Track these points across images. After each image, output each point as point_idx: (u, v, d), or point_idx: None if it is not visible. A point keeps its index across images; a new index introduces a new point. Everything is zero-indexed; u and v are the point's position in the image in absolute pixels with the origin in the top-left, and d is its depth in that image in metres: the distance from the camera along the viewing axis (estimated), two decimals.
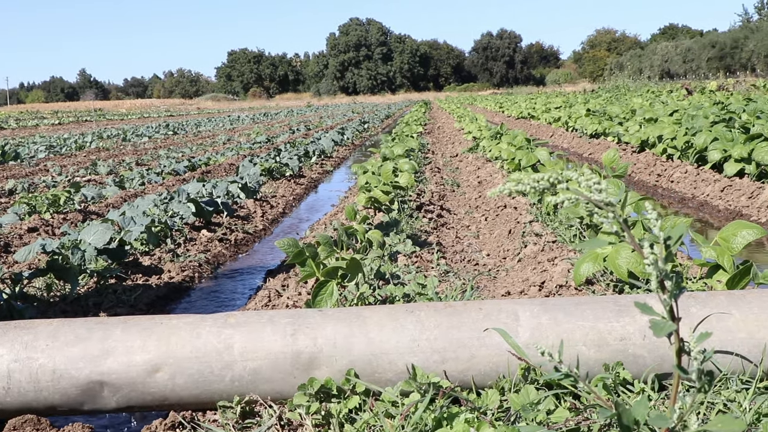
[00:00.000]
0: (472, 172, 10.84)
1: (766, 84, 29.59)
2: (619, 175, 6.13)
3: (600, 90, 50.61)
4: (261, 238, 7.55)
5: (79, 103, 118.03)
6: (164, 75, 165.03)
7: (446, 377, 2.79)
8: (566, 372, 1.41)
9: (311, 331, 2.83)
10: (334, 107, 66.98)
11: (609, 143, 14.19)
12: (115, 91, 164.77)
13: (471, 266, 5.50)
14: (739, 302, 2.93)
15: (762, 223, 6.92)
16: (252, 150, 16.87)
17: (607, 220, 1.11)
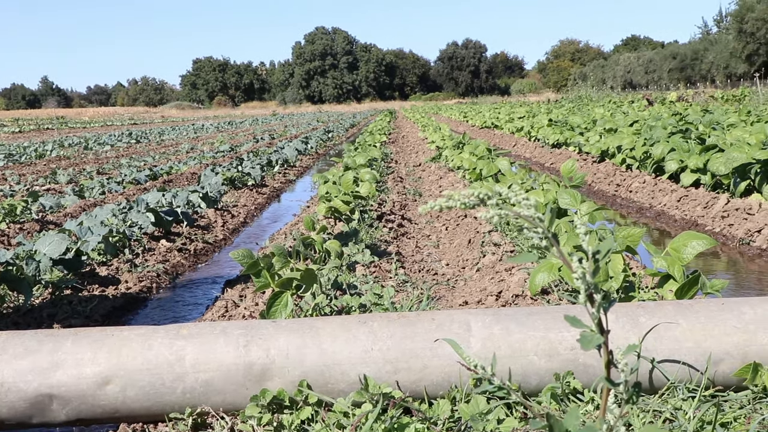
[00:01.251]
0: (434, 182, 10.89)
1: (724, 95, 30.07)
2: (576, 186, 6.20)
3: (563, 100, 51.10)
4: (221, 247, 7.52)
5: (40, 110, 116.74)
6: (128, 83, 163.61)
7: (399, 387, 2.80)
8: (498, 384, 1.43)
9: (264, 343, 2.83)
10: (299, 116, 66.88)
11: (570, 153, 14.34)
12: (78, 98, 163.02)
13: (430, 276, 5.52)
14: (687, 312, 2.97)
15: (716, 232, 7.04)
16: (215, 159, 16.79)
17: (536, 234, 1.13)
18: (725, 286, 3.50)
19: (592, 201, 9.51)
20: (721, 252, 6.54)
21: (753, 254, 6.28)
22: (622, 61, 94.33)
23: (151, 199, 8.13)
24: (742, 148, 7.53)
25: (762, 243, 6.37)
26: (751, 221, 6.75)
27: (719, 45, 74.90)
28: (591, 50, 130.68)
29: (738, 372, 2.79)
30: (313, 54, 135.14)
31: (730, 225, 6.98)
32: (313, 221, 5.04)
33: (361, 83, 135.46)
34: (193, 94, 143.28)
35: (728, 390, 2.87)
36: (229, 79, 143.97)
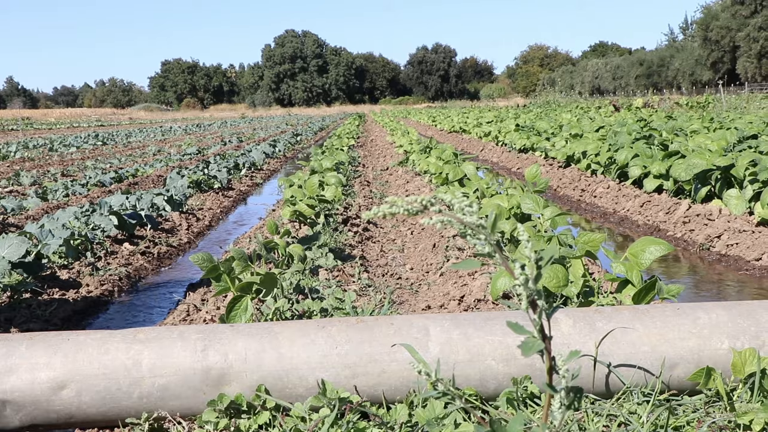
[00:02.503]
0: (401, 186, 10.90)
1: (688, 102, 30.44)
2: (539, 191, 6.24)
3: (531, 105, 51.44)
4: (185, 251, 7.48)
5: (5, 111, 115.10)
6: (96, 84, 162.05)
7: (357, 392, 2.80)
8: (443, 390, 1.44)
9: (222, 347, 2.81)
10: (268, 119, 66.66)
11: (537, 158, 14.43)
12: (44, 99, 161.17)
13: (394, 280, 5.53)
14: (643, 317, 3.00)
15: (677, 238, 7.12)
16: (182, 161, 16.69)
17: (479, 241, 1.14)
18: (681, 292, 3.54)
19: (557, 206, 9.59)
20: (682, 257, 6.62)
21: (713, 259, 6.36)
22: (590, 67, 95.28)
23: (115, 202, 8.06)
24: (703, 154, 7.63)
25: (721, 248, 6.46)
26: (711, 227, 6.84)
27: (685, 52, 75.93)
28: (560, 56, 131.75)
29: (692, 376, 2.83)
30: (282, 57, 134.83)
31: (691, 230, 7.06)
32: (277, 225, 5.03)
33: (330, 87, 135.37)
34: (162, 96, 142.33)
35: (683, 394, 2.91)
36: (198, 82, 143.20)
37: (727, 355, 2.89)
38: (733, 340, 2.92)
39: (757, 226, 6.51)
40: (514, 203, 5.82)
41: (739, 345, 2.90)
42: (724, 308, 3.05)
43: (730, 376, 2.85)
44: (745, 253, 6.17)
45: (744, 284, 5.64)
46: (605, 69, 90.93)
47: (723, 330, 2.94)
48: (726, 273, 5.98)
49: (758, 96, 33.84)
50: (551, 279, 3.94)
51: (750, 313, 3.01)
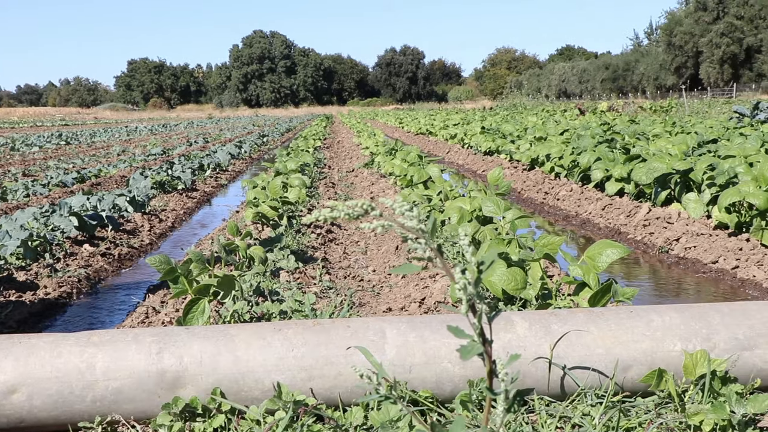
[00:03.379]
0: (366, 188, 10.91)
1: (652, 106, 30.79)
2: (502, 193, 6.28)
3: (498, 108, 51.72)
4: (147, 252, 7.42)
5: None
6: (60, 83, 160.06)
7: (313, 395, 2.80)
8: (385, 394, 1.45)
9: (177, 350, 2.80)
10: (235, 119, 66.35)
11: (502, 161, 14.51)
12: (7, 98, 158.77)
13: (356, 282, 5.53)
14: (598, 319, 3.03)
15: (637, 240, 7.20)
16: (146, 162, 16.56)
17: (420, 246, 1.14)
18: (635, 294, 3.58)
19: (519, 209, 9.66)
20: (642, 260, 6.69)
21: (671, 262, 6.44)
22: (557, 71, 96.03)
23: (76, 203, 7.98)
24: (663, 158, 7.72)
25: (679, 251, 6.54)
26: (671, 230, 6.92)
27: (649, 57, 76.81)
28: (527, 59, 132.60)
29: (644, 378, 2.86)
30: (250, 57, 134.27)
31: (651, 233, 7.15)
32: (237, 227, 5.01)
33: (299, 88, 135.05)
34: (128, 95, 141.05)
35: (636, 395, 2.94)
36: (164, 81, 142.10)
37: (680, 357, 2.93)
38: (685, 342, 2.96)
39: (715, 230, 6.60)
40: (476, 206, 5.85)
41: (691, 347, 2.94)
42: (677, 311, 3.09)
43: (683, 377, 2.89)
44: (703, 256, 6.25)
45: (701, 287, 5.72)
46: (572, 73, 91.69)
47: (675, 332, 2.98)
48: (684, 275, 6.06)
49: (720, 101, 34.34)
50: (509, 282, 3.97)
51: (702, 315, 3.06)
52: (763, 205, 5.77)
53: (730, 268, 5.83)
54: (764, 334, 2.98)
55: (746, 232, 6.30)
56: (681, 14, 72.35)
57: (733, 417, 2.59)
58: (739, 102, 29.58)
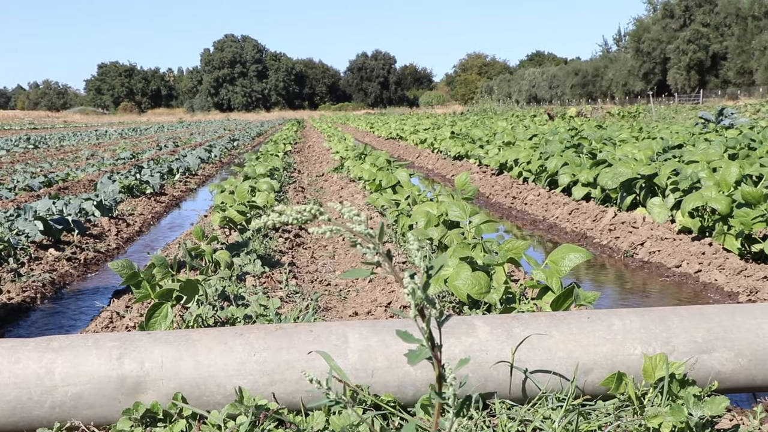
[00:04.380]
0: (335, 192, 10.91)
1: (620, 111, 31.08)
2: (468, 198, 6.31)
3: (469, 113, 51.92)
4: (114, 257, 7.36)
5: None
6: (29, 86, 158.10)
7: (275, 399, 2.80)
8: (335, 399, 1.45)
9: (138, 355, 2.78)
10: (206, 123, 66.01)
11: (471, 165, 14.57)
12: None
13: (323, 287, 5.53)
14: (560, 323, 3.06)
15: (603, 245, 7.26)
16: (115, 166, 16.42)
17: (369, 250, 1.15)
18: (597, 298, 3.62)
19: (485, 213, 9.71)
20: (607, 264, 6.75)
21: (636, 266, 6.51)
22: (527, 76, 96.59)
23: (41, 207, 7.90)
24: (628, 163, 7.80)
25: (644, 255, 6.61)
26: (635, 234, 6.99)
27: (618, 63, 77.50)
28: (497, 64, 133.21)
29: (604, 381, 2.89)
30: (222, 61, 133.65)
31: (616, 238, 7.22)
32: (204, 231, 4.99)
33: (270, 92, 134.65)
34: (98, 99, 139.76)
35: (597, 399, 2.97)
36: (135, 85, 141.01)
37: (640, 361, 2.96)
38: (645, 345, 2.99)
39: (678, 234, 6.68)
40: (443, 210, 5.87)
41: (651, 350, 2.98)
42: (637, 315, 3.12)
43: (642, 380, 2.92)
44: (666, 260, 6.32)
45: (665, 290, 5.79)
46: (542, 78, 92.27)
47: (636, 336, 3.01)
48: (648, 279, 6.12)
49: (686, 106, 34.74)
50: (473, 286, 3.99)
51: (662, 319, 3.09)
52: (724, 210, 5.84)
53: (693, 272, 5.91)
54: (722, 337, 3.02)
55: (709, 237, 6.38)
56: (649, 21, 73.12)
57: (691, 419, 2.62)
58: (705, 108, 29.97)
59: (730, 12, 64.33)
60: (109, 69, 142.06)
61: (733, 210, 5.80)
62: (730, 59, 64.66)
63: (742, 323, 3.07)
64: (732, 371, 3.01)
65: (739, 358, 3.01)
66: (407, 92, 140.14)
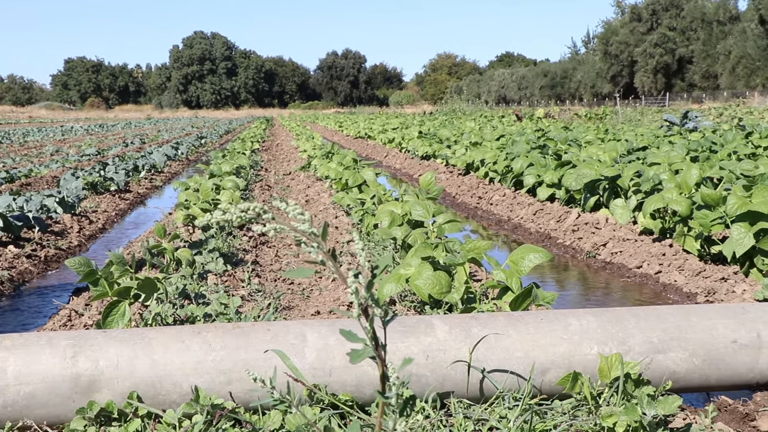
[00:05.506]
0: (302, 191, 10.88)
1: (587, 113, 31.33)
2: (433, 197, 6.32)
3: (438, 113, 52.04)
4: (75, 254, 7.28)
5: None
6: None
7: (232, 398, 2.78)
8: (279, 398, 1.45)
9: (93, 353, 2.76)
10: (174, 121, 65.55)
11: (438, 165, 14.61)
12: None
13: (286, 285, 5.51)
14: (517, 323, 3.08)
15: (566, 245, 7.32)
16: (80, 162, 16.25)
17: (313, 249, 1.15)
18: (555, 299, 3.64)
19: (453, 213, 9.73)
20: (570, 264, 6.80)
21: (598, 267, 6.56)
22: (497, 77, 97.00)
23: (1, 203, 7.79)
24: (592, 165, 7.86)
25: (606, 256, 6.67)
26: (598, 235, 7.05)
27: (586, 65, 78.12)
28: (467, 65, 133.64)
29: (560, 381, 2.91)
30: (191, 58, 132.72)
31: (580, 238, 7.27)
32: (165, 229, 4.95)
33: (239, 89, 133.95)
34: (65, 94, 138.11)
35: (554, 398, 2.99)
36: (103, 81, 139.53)
37: (596, 360, 2.98)
38: (601, 345, 3.02)
39: (640, 235, 6.75)
40: (407, 209, 5.88)
41: (608, 350, 3.00)
42: (594, 315, 3.15)
43: (599, 380, 2.95)
44: (628, 260, 6.38)
45: (625, 291, 5.84)
46: (511, 79, 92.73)
47: (592, 336, 3.04)
48: (610, 280, 6.18)
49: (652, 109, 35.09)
50: (434, 285, 4.00)
51: (618, 319, 3.12)
52: (685, 212, 5.91)
53: (654, 272, 5.97)
54: (677, 337, 3.06)
55: (670, 238, 6.45)
56: (617, 24, 73.80)
57: (644, 419, 2.65)
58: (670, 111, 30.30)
59: (696, 17, 65.13)
60: (76, 64, 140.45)
61: (693, 212, 5.87)
62: (695, 63, 65.47)
63: (697, 324, 3.11)
64: (686, 371, 3.05)
65: (694, 358, 3.05)
66: (377, 91, 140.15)
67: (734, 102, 32.29)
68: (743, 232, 5.15)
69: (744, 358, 3.07)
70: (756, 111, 26.04)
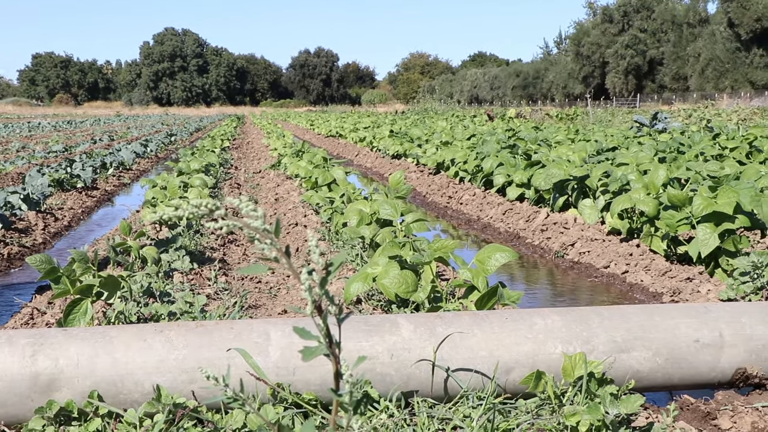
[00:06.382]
0: (272, 189, 10.83)
1: (559, 113, 31.51)
2: (401, 196, 6.32)
3: (410, 112, 52.11)
4: (40, 252, 7.18)
5: None
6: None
7: (194, 397, 2.76)
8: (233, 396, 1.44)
9: (53, 352, 2.72)
10: (144, 118, 65.07)
11: (409, 164, 14.62)
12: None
13: (253, 284, 5.48)
14: (482, 322, 3.08)
15: (535, 245, 7.34)
16: (47, 159, 16.08)
17: (266, 246, 1.14)
18: (521, 298, 3.65)
19: (423, 212, 9.74)
20: (539, 264, 6.83)
21: (566, 267, 6.59)
22: (469, 77, 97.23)
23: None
24: (561, 165, 7.90)
25: (574, 256, 6.70)
26: (567, 235, 7.08)
27: (559, 66, 78.57)
28: (440, 64, 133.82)
29: (523, 380, 2.91)
30: (162, 55, 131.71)
31: (548, 238, 7.30)
32: (131, 227, 4.90)
33: (211, 87, 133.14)
34: (32, 90, 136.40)
35: (518, 397, 2.99)
36: (71, 77, 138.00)
37: (561, 360, 2.99)
38: (566, 345, 3.03)
39: (608, 235, 6.79)
40: (376, 208, 5.87)
41: (572, 349, 3.01)
42: (559, 314, 3.16)
43: (563, 379, 2.95)
44: (596, 260, 6.42)
45: (592, 290, 5.87)
46: (483, 79, 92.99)
47: (557, 335, 3.04)
48: (577, 280, 6.21)
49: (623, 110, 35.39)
50: (401, 285, 3.99)
51: (583, 318, 3.13)
52: (652, 212, 5.96)
53: (621, 272, 6.01)
54: (641, 337, 3.08)
55: (637, 238, 6.49)
56: (589, 25, 74.28)
57: (607, 417, 2.66)
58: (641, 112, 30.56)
59: (667, 19, 65.75)
60: (44, 59, 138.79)
61: (659, 212, 5.91)
62: (666, 65, 66.08)
63: (660, 323, 3.12)
64: (650, 370, 3.07)
65: (657, 357, 3.06)
66: (350, 90, 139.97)
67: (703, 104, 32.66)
68: (708, 232, 5.20)
69: (706, 357, 3.09)
70: (724, 113, 26.34)
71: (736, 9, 55.47)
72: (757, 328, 3.14)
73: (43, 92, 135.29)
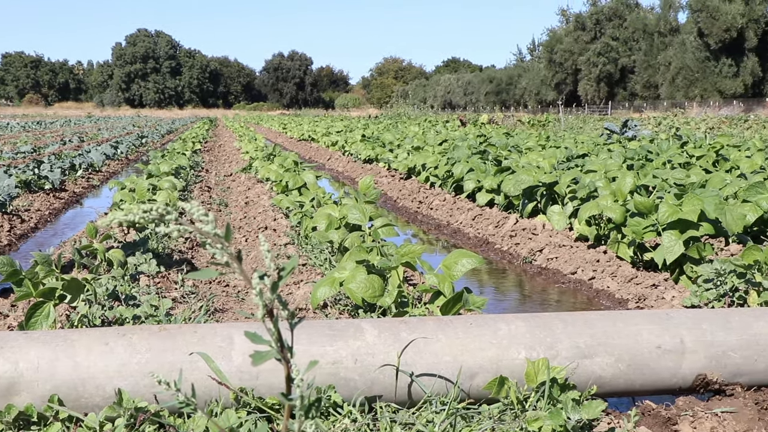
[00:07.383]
0: (242, 193, 10.80)
1: (531, 120, 31.70)
2: (370, 201, 6.33)
3: (383, 116, 52.18)
4: (4, 254, 7.10)
5: None
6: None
7: (157, 401, 2.74)
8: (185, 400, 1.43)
9: (12, 355, 2.69)
10: (115, 119, 64.60)
11: (381, 169, 14.63)
12: None
13: (221, 288, 5.45)
14: (447, 327, 3.08)
15: (504, 251, 7.38)
16: (14, 160, 15.90)
17: (217, 251, 1.14)
18: (486, 303, 3.67)
19: (394, 217, 9.75)
20: (507, 269, 6.86)
21: (534, 272, 6.63)
22: (443, 82, 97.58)
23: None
24: (531, 171, 7.94)
25: (542, 262, 6.74)
26: (535, 241, 7.13)
27: (532, 72, 79.08)
28: (414, 69, 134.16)
29: (487, 385, 2.93)
30: (134, 56, 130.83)
31: (517, 244, 7.34)
32: (97, 229, 4.86)
33: (183, 89, 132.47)
34: (1, 90, 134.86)
35: (482, 402, 3.00)
36: (42, 77, 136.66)
37: (524, 365, 3.01)
38: (529, 350, 3.04)
39: (576, 242, 6.84)
40: (345, 213, 5.87)
41: (535, 355, 3.03)
42: (523, 320, 3.18)
43: (526, 385, 2.97)
44: (563, 266, 6.46)
45: (560, 296, 5.91)
46: (457, 84, 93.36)
47: (521, 341, 3.06)
48: (545, 285, 6.24)
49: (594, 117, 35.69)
50: (367, 289, 4.00)
51: (547, 324, 3.15)
52: (619, 219, 6.01)
53: (588, 278, 6.05)
54: (603, 342, 3.10)
55: (604, 245, 6.55)
56: (561, 32, 74.85)
57: (569, 423, 2.68)
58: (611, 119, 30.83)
59: (638, 27, 66.43)
60: (14, 59, 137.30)
61: (626, 219, 5.96)
62: (637, 73, 66.75)
63: (623, 329, 3.15)
64: (612, 376, 3.09)
65: (619, 363, 3.09)
66: (323, 94, 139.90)
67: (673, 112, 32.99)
68: (674, 239, 5.26)
69: (668, 363, 3.12)
70: (693, 121, 26.64)
71: (706, 19, 56.18)
72: (717, 334, 3.18)
73: (12, 92, 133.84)
